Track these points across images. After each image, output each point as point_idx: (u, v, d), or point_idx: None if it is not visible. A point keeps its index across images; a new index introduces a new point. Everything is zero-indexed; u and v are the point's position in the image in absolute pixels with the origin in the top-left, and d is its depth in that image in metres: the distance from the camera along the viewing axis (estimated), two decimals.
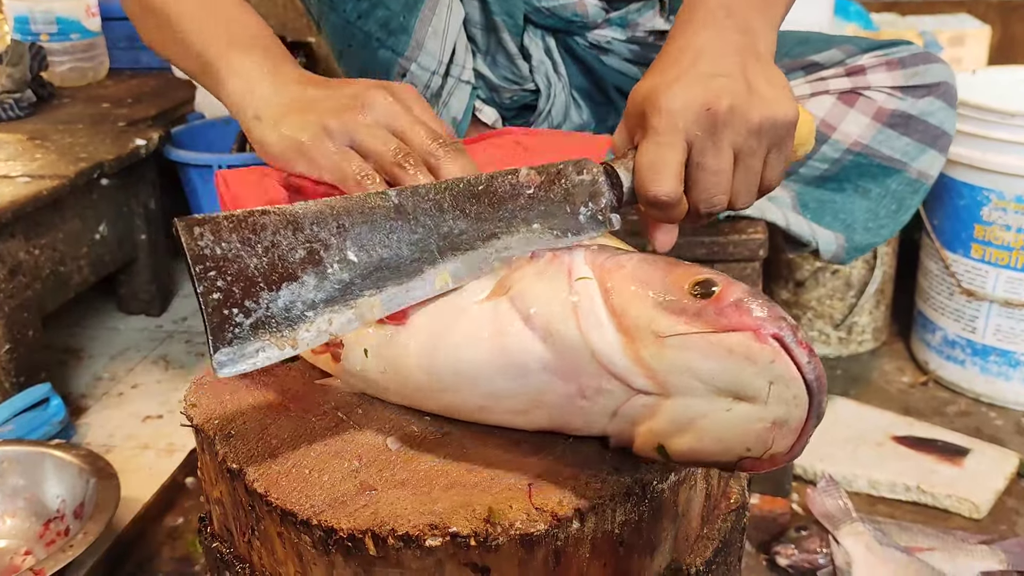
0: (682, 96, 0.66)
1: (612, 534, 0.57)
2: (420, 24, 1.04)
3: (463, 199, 0.62)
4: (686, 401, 0.52)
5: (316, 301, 0.57)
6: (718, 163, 0.67)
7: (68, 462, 1.22)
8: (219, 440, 0.63)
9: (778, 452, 0.51)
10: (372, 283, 0.58)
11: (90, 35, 2.29)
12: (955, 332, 1.66)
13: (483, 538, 0.53)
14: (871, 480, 1.38)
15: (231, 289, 0.55)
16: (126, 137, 1.79)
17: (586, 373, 0.55)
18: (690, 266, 0.56)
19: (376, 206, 0.60)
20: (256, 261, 0.56)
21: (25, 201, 1.47)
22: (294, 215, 0.58)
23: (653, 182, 0.66)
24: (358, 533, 0.54)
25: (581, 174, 0.66)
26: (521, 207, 0.64)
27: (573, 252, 0.60)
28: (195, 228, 0.55)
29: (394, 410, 0.65)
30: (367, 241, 0.59)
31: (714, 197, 0.68)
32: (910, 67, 1.15)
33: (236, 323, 0.54)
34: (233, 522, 0.64)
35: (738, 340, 0.50)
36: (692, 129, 0.66)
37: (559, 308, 0.56)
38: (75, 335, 1.88)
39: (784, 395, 0.50)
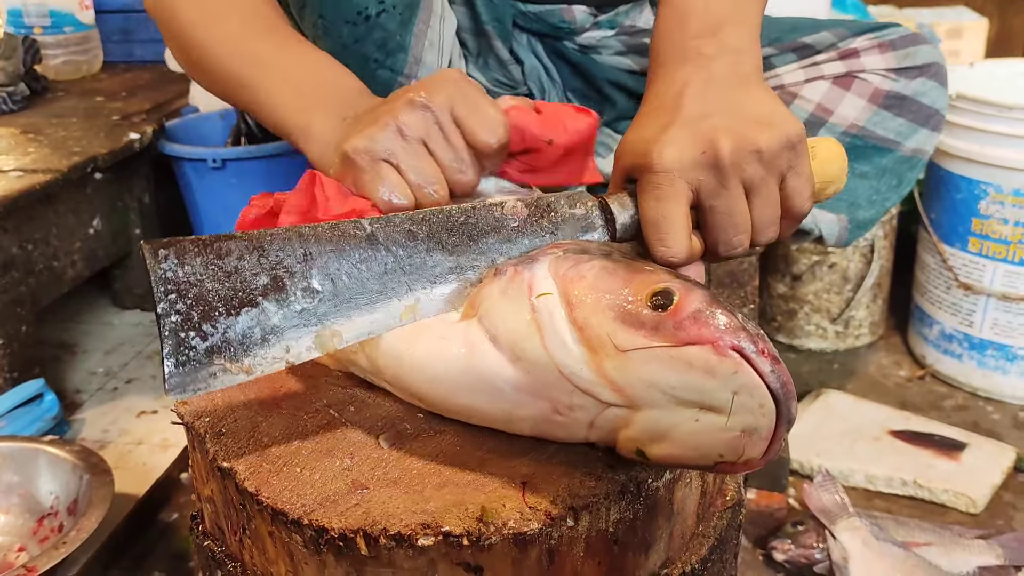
0: (675, 146, 0.63)
1: (606, 533, 0.57)
2: (416, 40, 1.02)
3: (440, 230, 0.61)
4: (655, 413, 0.52)
5: (275, 328, 0.56)
6: (730, 204, 0.64)
7: (62, 458, 1.21)
8: (210, 438, 0.62)
9: (752, 458, 0.51)
10: (335, 312, 0.58)
11: (84, 28, 2.28)
12: (952, 326, 1.65)
13: (476, 537, 0.53)
14: (868, 475, 1.38)
15: (190, 312, 0.55)
16: (120, 131, 1.78)
17: (556, 390, 0.55)
18: (651, 272, 0.55)
19: (348, 234, 0.59)
20: (217, 286, 0.56)
21: (18, 195, 1.46)
22: (260, 241, 0.58)
23: (661, 241, 0.63)
24: (349, 532, 0.53)
25: (574, 208, 0.64)
26: (503, 240, 0.62)
27: (536, 264, 0.58)
28: (160, 251, 0.55)
29: (386, 408, 0.64)
30: (333, 270, 0.58)
31: (733, 238, 0.65)
32: (901, 49, 1.14)
33: (191, 346, 0.55)
34: (224, 520, 0.64)
35: (697, 353, 0.50)
36: (693, 176, 0.63)
37: (523, 328, 0.55)
38: (69, 330, 1.87)
39: (749, 405, 0.50)
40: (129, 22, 2.40)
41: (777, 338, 1.84)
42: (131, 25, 2.40)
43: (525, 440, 0.60)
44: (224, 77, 0.86)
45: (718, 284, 1.23)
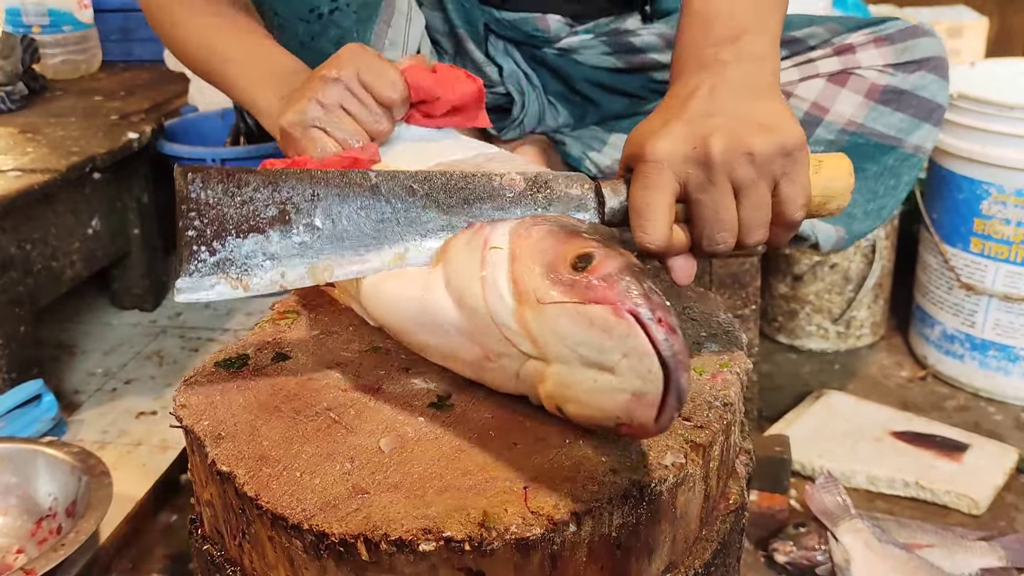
0: (669, 139, 0.65)
1: (609, 537, 0.56)
2: (376, 39, 1.04)
3: (439, 190, 0.66)
4: (562, 368, 0.56)
5: (275, 254, 0.64)
6: (715, 200, 0.64)
7: (60, 460, 1.21)
8: (209, 442, 0.61)
9: (644, 423, 0.53)
10: (331, 249, 0.65)
11: (82, 27, 2.27)
12: (954, 326, 1.65)
13: (478, 543, 0.52)
14: (869, 476, 1.37)
15: (205, 230, 0.63)
16: (119, 130, 1.77)
17: (488, 337, 0.59)
18: (586, 239, 0.58)
19: (354, 182, 0.66)
20: (232, 211, 0.64)
21: (16, 195, 1.45)
22: (276, 178, 0.65)
23: (641, 228, 0.65)
24: (350, 538, 0.53)
25: (571, 188, 0.68)
26: (496, 208, 0.66)
27: (500, 223, 0.63)
28: (189, 174, 0.64)
29: (387, 412, 0.64)
30: (335, 211, 0.65)
31: (717, 235, 0.65)
32: (899, 43, 1.13)
33: (201, 259, 0.63)
34: (224, 524, 0.63)
35: (598, 312, 0.53)
36: (682, 169, 0.64)
37: (470, 276, 0.60)
38: (68, 330, 1.87)
39: (638, 369, 0.52)
40: (128, 21, 2.40)
41: (778, 338, 1.84)
42: (130, 24, 2.40)
43: (527, 444, 0.60)
44: (199, 68, 1.01)
45: (720, 285, 1.23)
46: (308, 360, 0.71)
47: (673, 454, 0.59)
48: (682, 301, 0.80)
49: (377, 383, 0.68)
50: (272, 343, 0.74)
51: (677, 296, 0.81)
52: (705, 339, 0.74)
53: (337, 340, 0.74)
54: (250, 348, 0.73)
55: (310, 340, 0.74)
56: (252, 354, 0.72)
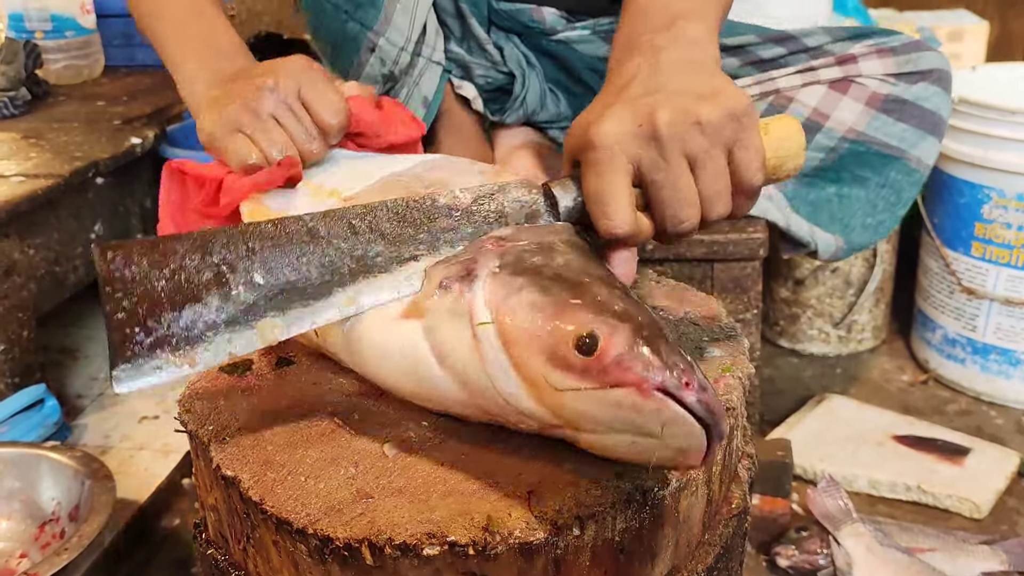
0: (613, 121, 0.63)
1: (612, 542, 0.56)
2: (389, 2, 1.05)
3: (382, 222, 0.63)
4: (597, 437, 0.55)
5: (218, 322, 0.59)
6: (670, 177, 0.62)
7: (63, 464, 1.21)
8: (214, 446, 0.62)
9: (691, 467, 0.54)
10: (277, 305, 0.60)
11: (85, 32, 2.28)
12: (955, 330, 1.65)
13: (482, 547, 0.53)
14: (871, 480, 1.37)
15: (136, 309, 0.58)
16: (122, 135, 1.77)
17: (503, 410, 0.58)
18: (577, 309, 0.55)
19: (290, 231, 0.62)
20: (163, 283, 0.59)
21: (20, 200, 1.46)
22: (205, 239, 0.60)
23: (603, 213, 0.62)
24: (354, 542, 0.53)
25: (519, 195, 0.65)
26: (445, 228, 0.63)
27: (474, 288, 0.58)
28: (108, 252, 0.59)
29: (391, 417, 0.64)
30: (274, 264, 0.60)
31: (680, 212, 0.63)
32: (902, 55, 1.14)
33: (136, 341, 0.57)
34: (228, 529, 0.63)
35: (624, 396, 0.52)
36: (632, 150, 0.62)
37: (467, 355, 0.57)
38: (70, 335, 1.87)
39: (679, 433, 0.52)
40: (130, 26, 2.38)
41: (780, 343, 1.84)
42: (132, 30, 2.39)
43: (531, 449, 0.60)
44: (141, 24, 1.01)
45: (721, 289, 1.23)
46: (312, 365, 0.71)
47: None
48: (684, 306, 0.80)
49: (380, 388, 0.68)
50: (275, 348, 0.74)
51: (680, 301, 0.81)
52: (707, 344, 0.74)
53: None
54: (253, 353, 0.73)
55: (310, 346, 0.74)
56: (256, 359, 0.73)
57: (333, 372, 0.70)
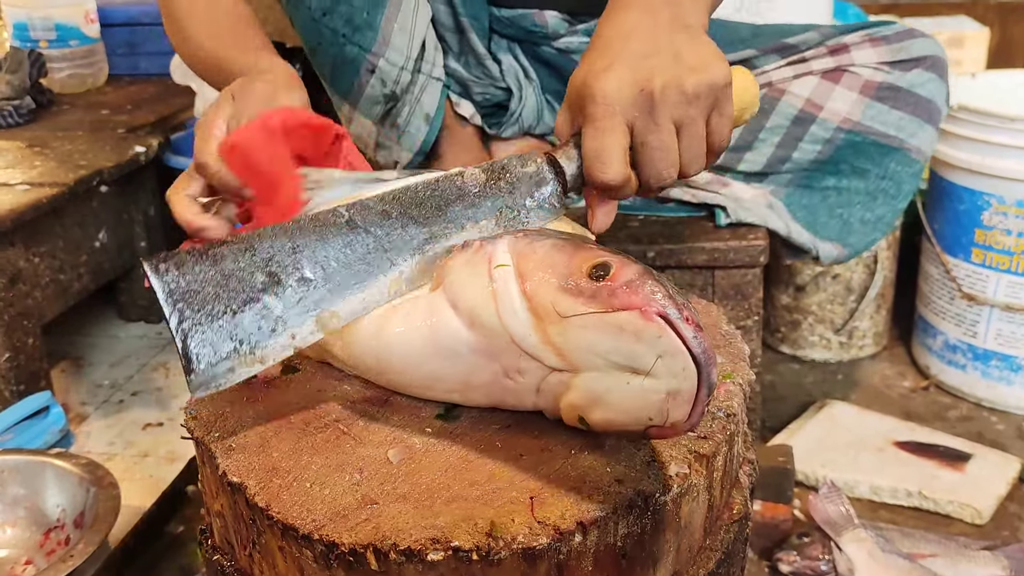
0: (615, 81, 0.68)
1: (614, 547, 0.57)
2: (386, 21, 1.06)
3: (410, 206, 0.67)
4: (592, 375, 0.57)
5: (278, 318, 0.62)
6: (661, 140, 0.69)
7: (68, 471, 1.22)
8: (220, 453, 0.62)
9: (677, 421, 0.55)
10: (330, 295, 0.64)
11: (89, 41, 2.29)
12: (956, 336, 1.66)
13: (485, 552, 0.53)
14: (873, 486, 1.38)
15: (198, 317, 0.61)
16: (126, 144, 1.78)
17: (507, 354, 0.60)
18: (594, 249, 0.59)
19: (328, 223, 0.65)
20: (219, 289, 0.61)
21: (25, 209, 1.47)
22: (250, 242, 0.63)
23: (600, 169, 0.68)
24: (360, 548, 0.54)
25: (525, 166, 0.70)
26: (468, 206, 0.68)
27: (497, 240, 0.63)
28: (160, 265, 0.61)
29: (395, 423, 0.65)
30: (321, 257, 0.64)
31: (663, 171, 0.70)
32: (895, 43, 1.14)
33: (205, 347, 0.61)
34: (234, 535, 0.64)
35: (627, 318, 0.54)
36: (630, 112, 0.68)
37: (480, 295, 0.60)
38: (75, 343, 1.88)
39: (673, 368, 0.54)
40: (134, 35, 2.41)
41: (781, 349, 1.84)
42: (136, 38, 2.41)
43: (533, 455, 0.60)
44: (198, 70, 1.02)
45: (722, 296, 1.24)
46: (317, 373, 0.72)
47: (677, 464, 0.60)
48: None
49: (385, 395, 0.68)
50: None
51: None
52: None
53: None
54: None
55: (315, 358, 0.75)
56: None
57: (337, 380, 0.71)
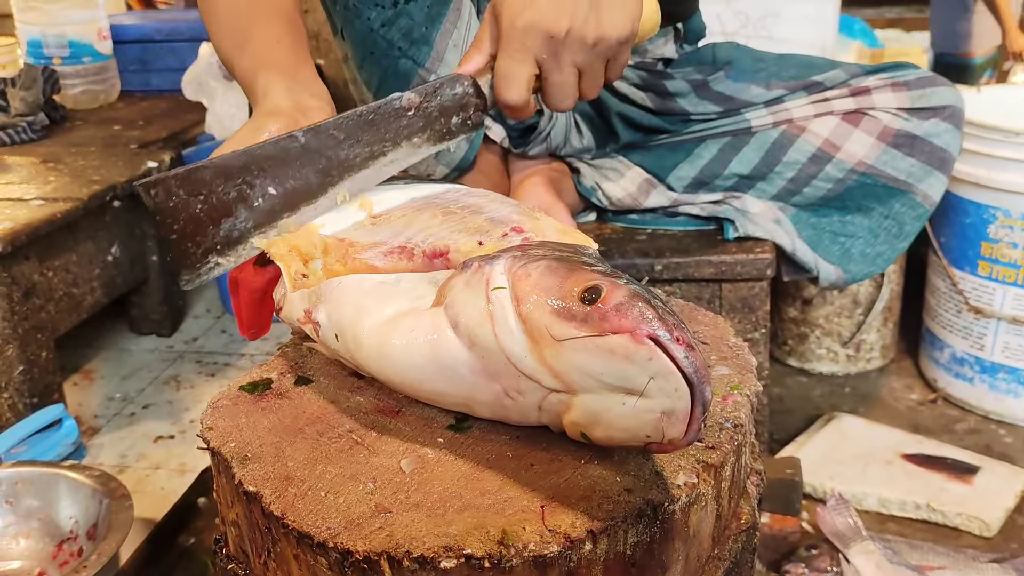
0: (529, 15, 0.75)
1: (624, 555, 0.58)
2: (441, 37, 1.07)
3: (356, 129, 0.78)
4: (589, 397, 0.58)
5: (248, 226, 0.76)
6: (562, 78, 0.78)
7: (82, 483, 1.23)
8: (236, 463, 0.63)
9: (674, 438, 0.55)
10: (289, 206, 0.77)
11: (102, 58, 2.32)
12: (963, 349, 1.66)
13: (497, 560, 0.54)
14: (881, 498, 1.38)
15: (184, 230, 0.74)
16: (138, 159, 1.81)
17: (505, 375, 0.61)
18: (586, 271, 0.60)
19: (287, 147, 0.76)
20: (200, 206, 0.74)
21: (39, 224, 1.48)
22: (226, 166, 0.75)
23: (506, 91, 0.78)
24: (374, 555, 0.55)
25: (454, 88, 0.80)
26: (404, 126, 0.79)
27: (495, 261, 0.64)
28: (151, 189, 0.73)
29: (407, 434, 0.66)
30: (282, 176, 0.76)
31: (561, 103, 0.80)
32: (916, 89, 1.16)
33: (191, 253, 0.75)
34: (249, 544, 0.65)
35: (618, 342, 0.55)
36: (538, 51, 0.77)
37: (479, 316, 0.61)
38: (87, 356, 1.89)
39: (666, 388, 0.54)
40: (146, 52, 2.44)
41: (788, 362, 1.85)
42: (148, 55, 2.44)
43: (544, 465, 0.61)
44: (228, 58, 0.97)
45: (730, 309, 1.25)
46: (330, 384, 0.73)
47: (686, 474, 0.61)
48: (693, 325, 0.82)
49: (397, 406, 0.69)
50: (294, 367, 0.76)
51: (689, 321, 0.83)
52: (716, 362, 0.75)
53: None
54: (273, 372, 0.75)
55: (331, 364, 0.76)
56: (275, 378, 0.74)
57: (350, 391, 0.72)
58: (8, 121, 1.97)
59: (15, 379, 1.47)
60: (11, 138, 1.95)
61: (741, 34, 1.84)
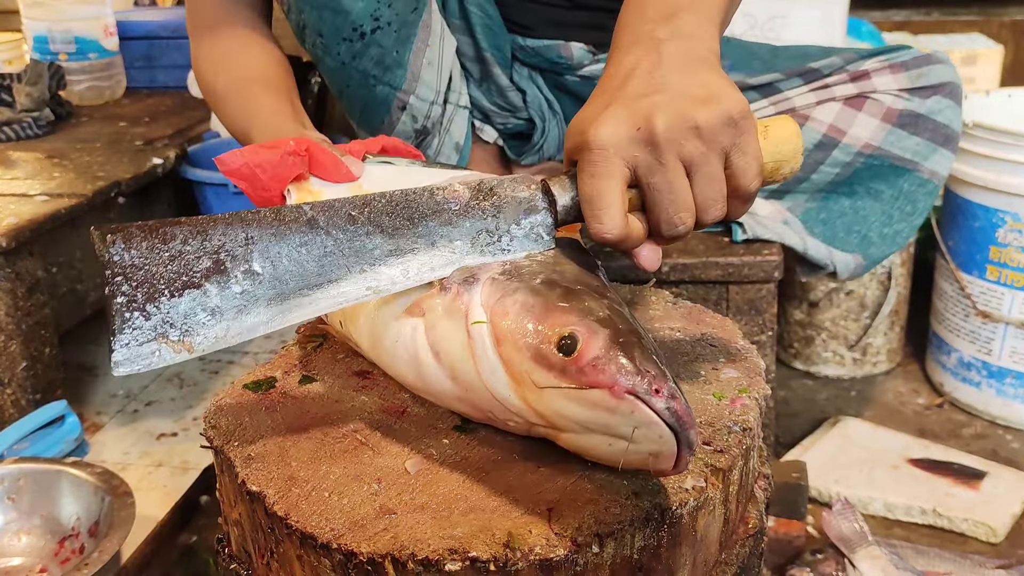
0: (611, 123, 0.63)
1: (631, 559, 0.57)
2: (414, 57, 1.06)
3: (381, 214, 0.63)
4: (575, 436, 0.58)
5: (216, 309, 0.59)
6: (667, 179, 0.63)
7: (84, 480, 1.22)
8: (239, 462, 0.63)
9: (662, 470, 0.56)
10: (275, 294, 0.60)
11: (108, 55, 2.32)
12: (970, 354, 1.65)
13: (502, 563, 0.53)
14: (887, 503, 1.37)
15: (135, 293, 0.58)
16: (143, 156, 1.80)
17: (491, 407, 0.61)
18: (564, 310, 0.58)
19: (289, 219, 0.61)
20: (162, 269, 0.59)
21: (44, 219, 1.48)
22: (204, 226, 0.60)
23: (595, 218, 0.63)
24: (378, 557, 0.54)
25: (517, 190, 0.65)
26: (443, 223, 0.63)
27: (473, 289, 0.62)
28: (108, 236, 0.59)
29: (413, 434, 0.65)
30: (273, 253, 0.61)
31: (674, 216, 0.63)
32: (914, 69, 1.15)
33: (136, 326, 0.58)
34: (252, 544, 0.64)
35: (598, 396, 0.55)
36: (629, 153, 0.63)
37: (460, 352, 0.61)
38: (90, 353, 1.89)
39: (650, 436, 0.54)
40: (151, 49, 2.44)
41: (794, 365, 1.84)
42: (154, 52, 2.44)
43: (550, 467, 0.61)
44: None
45: (736, 311, 1.24)
46: (334, 383, 0.73)
47: (693, 478, 0.60)
48: (701, 328, 0.81)
49: (402, 406, 0.69)
50: (299, 366, 0.76)
51: (697, 323, 0.82)
52: (723, 365, 0.75)
53: (362, 363, 0.75)
54: (277, 371, 0.75)
55: (335, 363, 0.76)
56: (279, 377, 0.74)
57: (355, 391, 0.71)
58: (14, 117, 1.97)
59: (18, 375, 1.46)
60: (16, 134, 1.94)
61: (748, 36, 1.83)
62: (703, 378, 0.72)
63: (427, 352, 0.63)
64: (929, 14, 2.77)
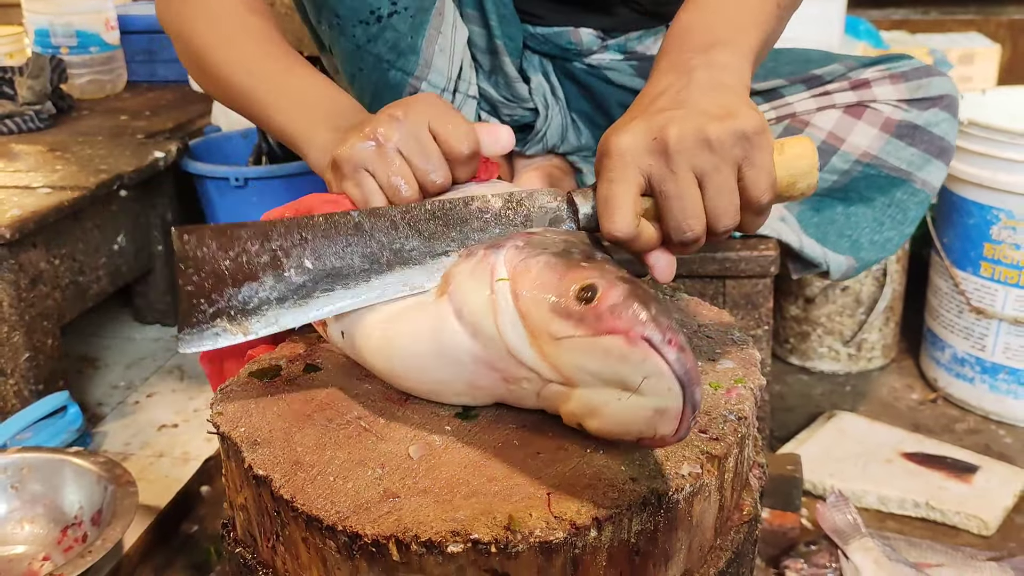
0: (630, 133, 0.67)
1: (628, 543, 0.59)
2: (427, 43, 1.07)
3: (420, 220, 0.70)
4: (587, 391, 0.59)
5: (271, 298, 0.68)
6: (679, 188, 0.66)
7: (87, 469, 1.24)
8: (246, 447, 0.64)
9: (664, 435, 0.56)
10: (323, 287, 0.69)
11: (109, 48, 2.33)
12: (964, 350, 1.67)
13: (503, 545, 0.55)
14: (880, 496, 1.39)
15: (202, 284, 0.67)
16: (145, 149, 1.81)
17: (507, 364, 0.62)
18: (585, 268, 0.60)
19: (339, 224, 0.69)
20: (227, 263, 0.68)
21: (46, 212, 1.49)
22: (266, 228, 0.69)
23: (607, 218, 0.67)
24: (382, 539, 0.55)
25: (545, 202, 0.72)
26: (476, 229, 0.70)
27: (499, 250, 0.64)
28: (184, 235, 0.68)
29: (415, 421, 0.67)
30: (323, 252, 0.69)
31: (683, 223, 0.67)
32: (913, 80, 1.16)
33: (201, 310, 0.67)
34: (257, 528, 0.66)
35: (612, 342, 0.56)
36: (644, 161, 0.66)
37: (482, 307, 0.62)
38: (92, 344, 1.90)
39: (658, 388, 0.55)
40: (153, 43, 2.45)
41: (790, 360, 1.86)
42: (155, 46, 2.45)
43: (550, 453, 0.62)
44: (240, 93, 0.94)
45: (733, 306, 1.25)
46: (338, 372, 0.74)
47: (690, 464, 0.62)
48: (698, 320, 0.83)
49: (405, 394, 0.70)
50: (303, 355, 0.77)
51: (694, 315, 0.84)
52: (720, 356, 0.76)
53: None
54: (282, 360, 0.76)
55: (339, 353, 0.77)
56: (284, 365, 0.75)
57: (359, 379, 0.73)
58: (15, 110, 1.98)
59: (21, 366, 1.48)
60: (18, 126, 1.95)
61: None
62: (700, 369, 0.74)
63: (449, 314, 0.64)
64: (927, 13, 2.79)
